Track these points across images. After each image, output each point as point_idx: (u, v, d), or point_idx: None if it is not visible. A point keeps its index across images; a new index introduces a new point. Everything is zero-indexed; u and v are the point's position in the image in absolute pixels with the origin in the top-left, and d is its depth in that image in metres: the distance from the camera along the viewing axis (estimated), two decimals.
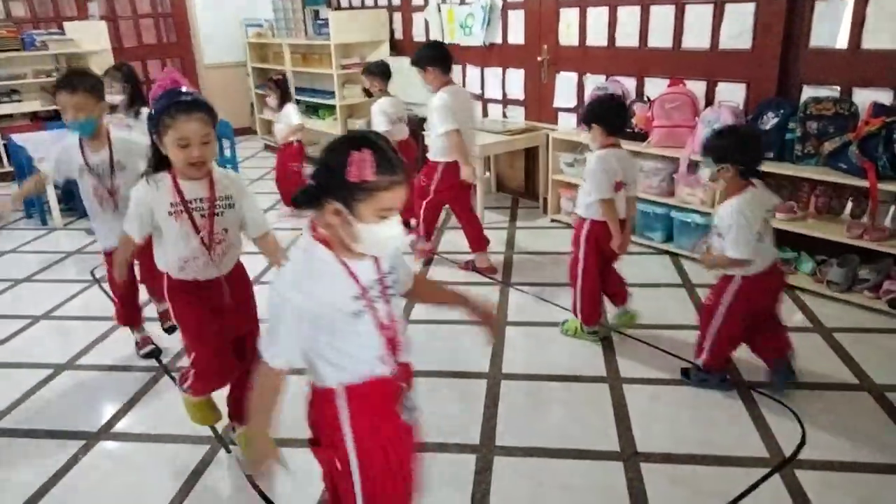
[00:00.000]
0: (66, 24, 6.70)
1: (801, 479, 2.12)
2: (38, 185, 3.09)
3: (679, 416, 2.48)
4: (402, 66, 6.04)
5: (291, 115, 4.98)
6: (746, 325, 2.54)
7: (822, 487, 2.08)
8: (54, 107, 3.47)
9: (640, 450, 2.29)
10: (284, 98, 5.05)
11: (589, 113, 2.88)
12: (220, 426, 2.48)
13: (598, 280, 2.97)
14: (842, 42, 3.39)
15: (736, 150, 2.37)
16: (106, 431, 2.55)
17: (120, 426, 2.58)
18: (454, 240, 4.30)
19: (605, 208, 2.80)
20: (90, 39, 6.61)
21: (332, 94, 6.33)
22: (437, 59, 3.65)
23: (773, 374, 2.59)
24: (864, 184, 3.10)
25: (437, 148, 3.75)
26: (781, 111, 3.46)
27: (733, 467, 2.19)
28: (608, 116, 2.84)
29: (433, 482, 2.19)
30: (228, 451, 2.38)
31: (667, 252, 4.02)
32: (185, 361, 2.67)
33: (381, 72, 4.47)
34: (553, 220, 4.72)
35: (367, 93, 4.72)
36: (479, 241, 3.91)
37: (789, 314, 3.16)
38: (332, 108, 6.47)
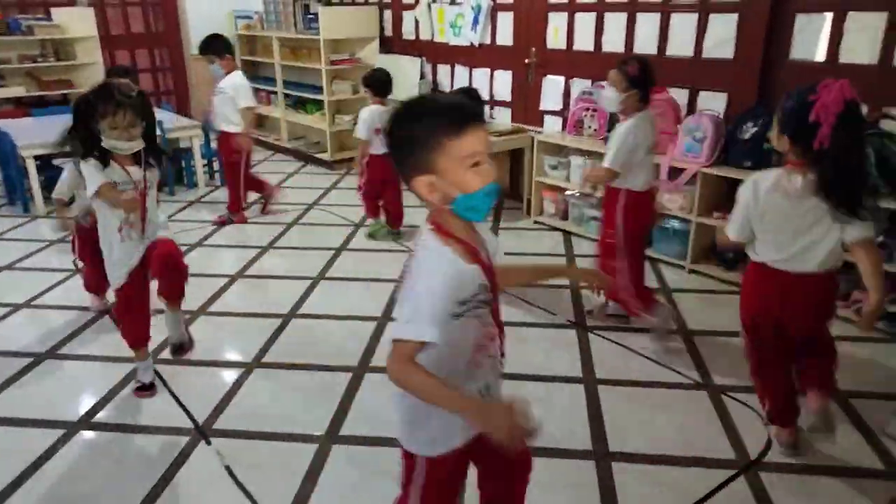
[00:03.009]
0: (53, 10, 6.66)
1: (764, 480, 2.19)
2: None
3: (651, 417, 2.55)
4: (390, 63, 6.09)
5: None
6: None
7: (785, 490, 2.16)
8: (40, 92, 3.04)
9: (611, 449, 2.36)
10: None
11: (364, 80, 4.39)
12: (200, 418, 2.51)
13: (372, 192, 4.42)
14: (820, 55, 3.48)
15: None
16: (86, 421, 2.56)
17: (100, 416, 2.60)
18: None
19: (360, 145, 4.31)
20: (77, 26, 6.59)
21: (320, 89, 6.34)
22: (229, 47, 4.65)
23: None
24: None
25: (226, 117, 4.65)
26: (760, 121, 3.53)
27: (701, 468, 2.26)
28: (375, 83, 4.28)
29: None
30: (209, 444, 2.41)
31: (646, 258, 4.08)
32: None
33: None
34: (536, 222, 4.77)
35: None
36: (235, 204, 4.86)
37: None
38: (319, 102, 6.48)
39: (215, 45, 4.58)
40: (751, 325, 2.25)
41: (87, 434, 2.50)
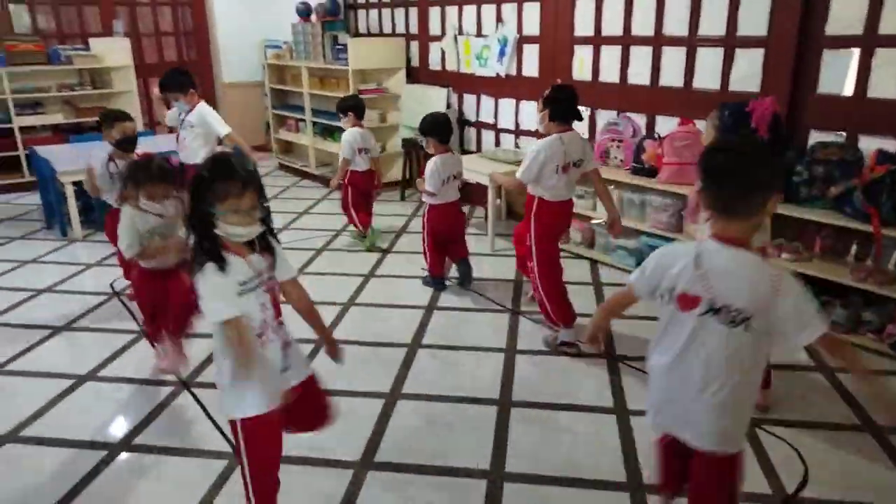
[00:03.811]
0: (91, 40, 6.88)
1: None
2: None
3: None
4: (417, 93, 6.21)
5: None
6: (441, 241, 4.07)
7: None
8: (77, 119, 2.80)
9: (645, 481, 2.36)
10: None
11: (342, 105, 4.86)
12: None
13: (359, 204, 4.88)
14: (848, 90, 3.51)
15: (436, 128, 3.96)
16: (127, 443, 2.62)
17: (141, 438, 2.65)
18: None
19: (342, 162, 4.79)
20: (113, 55, 6.79)
21: None
22: (192, 82, 4.34)
23: (458, 270, 4.20)
24: (869, 228, 3.20)
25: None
26: (789, 154, 3.56)
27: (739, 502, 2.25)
28: (356, 108, 4.81)
29: None
30: None
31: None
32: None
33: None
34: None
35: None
36: None
37: (794, 353, 3.24)
38: None
39: (180, 81, 4.23)
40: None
41: (129, 455, 2.55)
